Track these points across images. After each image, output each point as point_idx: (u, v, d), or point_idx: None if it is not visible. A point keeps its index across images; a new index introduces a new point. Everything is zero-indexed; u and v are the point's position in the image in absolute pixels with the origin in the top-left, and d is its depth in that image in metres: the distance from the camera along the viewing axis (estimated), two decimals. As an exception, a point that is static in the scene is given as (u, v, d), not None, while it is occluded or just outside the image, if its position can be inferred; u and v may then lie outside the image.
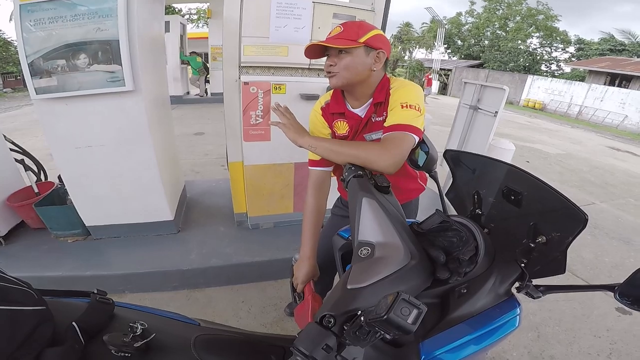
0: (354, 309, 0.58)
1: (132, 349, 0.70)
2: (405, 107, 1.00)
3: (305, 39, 1.95)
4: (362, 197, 0.78)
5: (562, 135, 11.33)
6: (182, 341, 0.81)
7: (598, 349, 2.00)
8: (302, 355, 0.52)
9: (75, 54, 1.71)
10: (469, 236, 0.76)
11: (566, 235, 0.66)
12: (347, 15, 1.98)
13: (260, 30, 1.88)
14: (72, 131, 1.94)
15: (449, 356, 0.65)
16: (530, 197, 0.76)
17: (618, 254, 3.17)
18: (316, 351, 0.52)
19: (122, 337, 0.71)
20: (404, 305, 0.46)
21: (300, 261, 1.16)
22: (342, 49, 1.00)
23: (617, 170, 6.90)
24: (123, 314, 0.84)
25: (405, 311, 0.46)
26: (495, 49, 28.15)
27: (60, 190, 2.42)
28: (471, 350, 0.67)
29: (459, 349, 0.66)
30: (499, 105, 3.74)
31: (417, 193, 1.38)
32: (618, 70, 17.72)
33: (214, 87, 9.90)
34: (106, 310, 0.80)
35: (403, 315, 0.45)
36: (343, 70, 1.02)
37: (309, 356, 0.52)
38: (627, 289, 0.60)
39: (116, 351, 0.69)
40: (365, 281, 0.62)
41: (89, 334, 0.71)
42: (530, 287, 0.72)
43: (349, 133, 1.18)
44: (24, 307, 0.63)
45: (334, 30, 1.04)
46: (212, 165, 4.64)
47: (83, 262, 2.13)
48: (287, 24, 1.88)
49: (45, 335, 0.64)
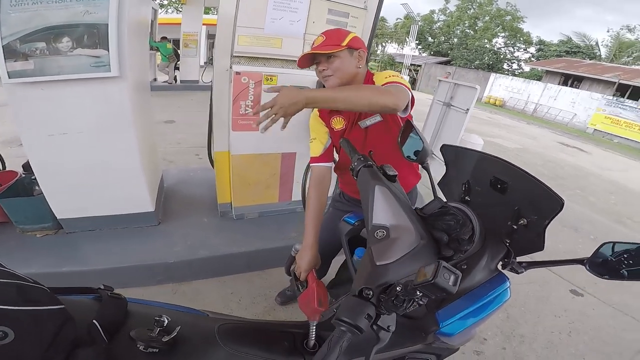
0: (386, 282, 0.65)
1: (161, 344, 0.69)
2: (389, 76, 1.16)
3: (300, 32, 1.95)
4: (375, 185, 0.85)
5: (519, 130, 12.13)
6: (206, 332, 0.82)
7: (559, 328, 2.23)
8: (347, 325, 0.57)
9: (58, 37, 1.59)
10: (465, 219, 0.85)
11: (544, 217, 0.77)
12: (341, 11, 2.00)
13: (255, 21, 1.86)
14: (47, 118, 1.81)
15: (460, 323, 0.76)
16: (514, 185, 0.86)
17: (570, 241, 3.53)
18: (359, 320, 0.57)
19: (148, 332, 0.70)
20: (445, 271, 0.54)
21: (303, 250, 1.19)
22: (331, 54, 1.14)
23: (566, 164, 7.56)
24: (135, 309, 0.82)
25: (447, 276, 0.53)
26: (463, 47, 29.27)
27: (25, 181, 2.25)
28: (477, 318, 0.77)
29: (467, 317, 0.77)
30: (470, 102, 3.95)
31: (415, 182, 1.46)
32: (571, 71, 19.15)
33: (184, 74, 9.56)
34: (121, 306, 0.78)
35: (445, 279, 0.53)
36: (336, 72, 1.16)
37: (353, 325, 0.57)
38: (593, 261, 0.75)
39: (145, 347, 0.68)
40: (390, 258, 0.71)
41: (109, 331, 0.69)
42: (515, 263, 0.84)
43: (345, 126, 1.30)
44: (46, 307, 0.60)
45: (316, 40, 1.18)
46: (185, 154, 4.51)
47: (57, 257, 2.01)
48: (283, 16, 1.86)
49: (69, 335, 0.62)
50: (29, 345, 0.55)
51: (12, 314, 0.54)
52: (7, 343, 0.52)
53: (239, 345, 0.82)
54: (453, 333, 0.77)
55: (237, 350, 0.80)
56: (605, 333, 2.23)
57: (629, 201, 5.59)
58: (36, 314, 0.58)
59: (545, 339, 2.11)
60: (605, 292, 2.68)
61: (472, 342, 1.94)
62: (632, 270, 0.70)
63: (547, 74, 21.08)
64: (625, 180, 7.18)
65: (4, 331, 0.52)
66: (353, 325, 0.57)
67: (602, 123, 15.36)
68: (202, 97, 8.36)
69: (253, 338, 0.89)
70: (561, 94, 17.70)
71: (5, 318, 0.53)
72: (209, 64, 11.39)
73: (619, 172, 7.97)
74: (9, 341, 0.52)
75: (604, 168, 8.10)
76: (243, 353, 0.81)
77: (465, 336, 0.83)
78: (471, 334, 0.87)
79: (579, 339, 2.15)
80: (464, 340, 0.85)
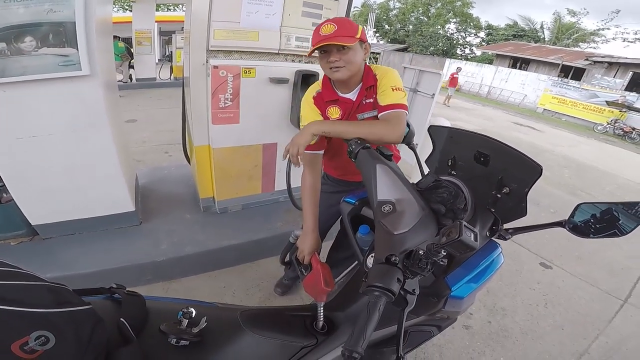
0: (407, 248, 0.73)
1: (192, 335, 0.71)
2: (395, 89, 1.20)
3: (276, 25, 1.98)
4: (376, 164, 0.93)
5: (477, 113, 12.80)
6: (230, 320, 0.86)
7: (535, 300, 2.42)
8: (380, 290, 0.62)
9: (19, 37, 1.50)
10: (457, 191, 0.95)
11: (525, 185, 0.87)
12: (316, 3, 2.04)
13: (231, 15, 1.86)
14: (12, 120, 1.71)
15: (466, 287, 0.84)
16: (496, 157, 0.96)
17: (533, 214, 3.81)
18: (392, 284, 0.62)
19: (176, 326, 0.72)
20: (466, 230, 0.61)
21: (304, 235, 1.21)
22: (345, 46, 1.10)
23: (522, 143, 8.13)
24: (151, 305, 0.82)
25: (469, 234, 0.61)
26: (418, 33, 30.04)
27: (-9, 188, 2.12)
28: (479, 282, 0.86)
29: (472, 281, 0.85)
30: (435, 88, 4.15)
31: (397, 160, 1.56)
32: (519, 54, 20.35)
33: (140, 72, 9.19)
34: (141, 303, 0.78)
35: (468, 236, 0.61)
36: (348, 64, 1.14)
37: (387, 289, 0.61)
38: (570, 223, 0.87)
39: (177, 340, 0.70)
40: (405, 228, 0.79)
41: (136, 329, 0.68)
42: (502, 230, 0.93)
43: (341, 116, 1.30)
44: (78, 308, 0.59)
45: (327, 27, 1.10)
46: (153, 153, 4.36)
47: (37, 264, 1.93)
48: (258, 10, 1.88)
49: (102, 335, 0.60)
50: (70, 349, 0.54)
51: (51, 317, 0.53)
52: (49, 348, 0.51)
53: (262, 330, 0.86)
54: (463, 295, 0.84)
55: (261, 335, 0.85)
56: (577, 303, 2.44)
57: (581, 174, 6.11)
58: (72, 315, 0.56)
59: (525, 311, 2.29)
60: (571, 264, 2.93)
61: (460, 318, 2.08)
62: (598, 230, 0.84)
63: (498, 58, 22.22)
64: (576, 155, 7.85)
65: (46, 336, 0.51)
66: (386, 289, 0.61)
67: (550, 103, 16.44)
68: (161, 94, 8.11)
69: (272, 323, 0.94)
70: (511, 76, 18.80)
71: (44, 322, 0.52)
72: (164, 61, 10.95)
73: (569, 148, 8.68)
74: (51, 346, 0.51)
75: (555, 145, 8.77)
76: (266, 337, 0.85)
77: (470, 301, 0.90)
78: (473, 299, 0.95)
79: (555, 311, 2.33)
80: (468, 305, 0.93)
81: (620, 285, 2.74)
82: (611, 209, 0.82)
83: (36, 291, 0.54)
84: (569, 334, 2.14)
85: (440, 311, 0.89)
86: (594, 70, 16.87)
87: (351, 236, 1.11)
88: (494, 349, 1.96)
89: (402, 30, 32.30)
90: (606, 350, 2.05)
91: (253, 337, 0.83)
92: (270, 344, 0.86)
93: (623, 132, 12.78)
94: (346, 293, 1.06)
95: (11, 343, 0.47)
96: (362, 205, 1.13)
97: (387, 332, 0.96)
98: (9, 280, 0.53)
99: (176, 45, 9.64)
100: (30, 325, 0.50)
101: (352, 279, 1.14)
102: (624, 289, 2.70)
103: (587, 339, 2.12)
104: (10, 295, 0.50)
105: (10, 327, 0.49)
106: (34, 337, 0.49)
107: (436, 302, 0.86)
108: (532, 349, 1.99)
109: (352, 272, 1.39)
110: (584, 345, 2.07)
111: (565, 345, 2.05)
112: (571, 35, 24.66)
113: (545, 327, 2.18)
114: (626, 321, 2.34)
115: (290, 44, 2.11)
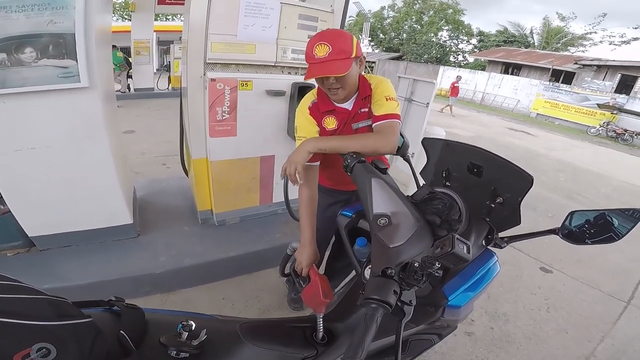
0: (402, 261, 0.74)
1: (192, 347, 0.71)
2: (389, 99, 1.22)
3: (273, 38, 2.01)
4: (371, 178, 0.94)
5: (472, 119, 12.93)
6: (230, 332, 0.86)
7: (537, 304, 2.41)
8: (377, 302, 0.63)
9: (20, 48, 1.52)
10: (452, 202, 0.97)
11: (518, 194, 0.89)
12: (311, 16, 2.08)
13: (228, 28, 1.88)
14: (11, 132, 1.72)
15: (463, 296, 0.85)
16: (488, 168, 0.98)
17: (530, 220, 3.84)
18: (389, 296, 0.63)
19: (177, 338, 0.71)
20: (459, 242, 0.63)
21: (302, 247, 1.20)
22: None
23: (517, 147, 8.21)
24: (150, 317, 0.81)
25: (462, 246, 0.63)
26: (412, 42, 30.46)
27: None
28: (476, 291, 0.87)
29: (468, 290, 0.86)
30: (429, 96, 4.18)
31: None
32: (511, 60, 20.67)
33: (138, 82, 9.21)
34: (140, 315, 0.78)
35: (461, 248, 0.62)
36: (345, 85, 1.16)
37: (383, 301, 0.63)
38: (563, 230, 0.89)
39: (177, 353, 0.70)
40: (400, 240, 0.81)
41: (135, 341, 0.69)
42: (497, 238, 0.95)
43: (337, 126, 1.31)
44: (79, 320, 0.59)
45: (321, 49, 1.07)
46: (152, 165, 4.35)
47: (34, 275, 1.92)
48: (255, 22, 1.91)
49: (102, 347, 0.61)
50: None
51: (52, 329, 0.54)
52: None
53: (262, 342, 0.86)
54: (460, 304, 0.85)
55: (261, 347, 0.85)
56: (579, 307, 2.43)
57: (576, 178, 6.16)
58: (73, 328, 0.57)
59: (527, 316, 2.27)
60: (571, 267, 2.92)
61: (462, 325, 2.04)
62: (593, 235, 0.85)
63: (490, 64, 22.53)
64: (570, 158, 7.93)
65: (47, 348, 0.51)
66: (383, 301, 0.63)
67: (543, 107, 16.63)
68: (159, 105, 8.11)
69: (272, 334, 0.94)
70: (504, 82, 19.03)
71: (46, 334, 0.53)
72: (162, 71, 11.00)
73: (563, 152, 8.77)
74: (52, 358, 0.52)
75: (550, 149, 8.86)
76: (267, 349, 0.85)
77: (468, 309, 0.91)
78: (472, 307, 0.96)
79: (558, 314, 2.32)
80: (467, 313, 0.93)
81: (622, 288, 2.74)
82: (604, 214, 0.84)
83: (37, 304, 0.55)
84: (573, 337, 2.13)
85: (439, 320, 0.90)
86: (584, 74, 17.14)
87: (349, 248, 1.12)
88: (498, 354, 1.96)
89: (397, 38, 32.74)
90: (613, 352, 2.05)
91: (253, 350, 0.83)
92: (271, 355, 0.86)
93: (615, 134, 12.96)
94: (345, 304, 1.07)
95: (13, 354, 0.48)
96: (358, 218, 1.14)
97: (386, 342, 0.96)
98: (9, 293, 0.54)
99: (174, 55, 9.68)
100: (32, 337, 0.51)
101: (350, 290, 1.14)
102: (626, 291, 2.70)
103: (592, 341, 2.11)
104: (11, 308, 0.51)
105: (12, 339, 0.49)
106: (35, 348, 0.50)
107: (434, 312, 0.87)
108: (537, 354, 1.99)
109: (351, 282, 1.39)
110: (589, 348, 2.06)
111: (570, 349, 2.04)
112: (560, 39, 25.12)
113: (549, 331, 2.17)
114: (631, 322, 2.33)
115: (286, 56, 2.14)
